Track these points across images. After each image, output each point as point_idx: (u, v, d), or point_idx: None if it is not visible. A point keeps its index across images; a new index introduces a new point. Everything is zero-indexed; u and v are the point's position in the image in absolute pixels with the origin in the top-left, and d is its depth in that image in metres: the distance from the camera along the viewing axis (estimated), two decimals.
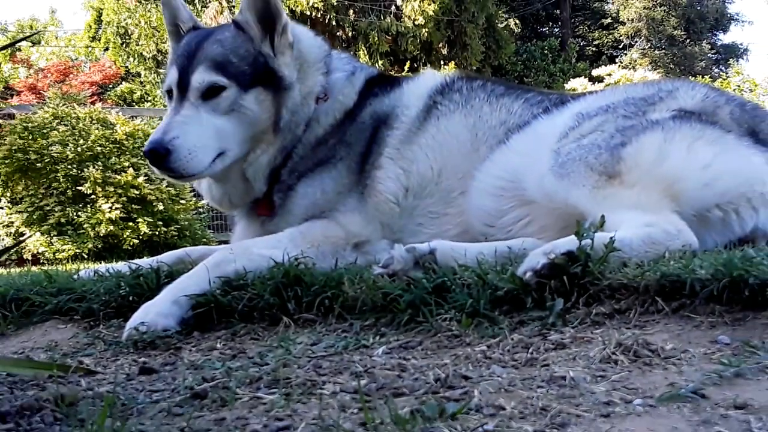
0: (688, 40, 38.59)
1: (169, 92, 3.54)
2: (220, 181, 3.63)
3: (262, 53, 3.55)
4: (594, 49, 39.50)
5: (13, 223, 10.92)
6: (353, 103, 3.75)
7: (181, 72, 3.47)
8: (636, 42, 38.45)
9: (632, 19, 37.76)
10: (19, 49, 22.42)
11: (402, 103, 3.78)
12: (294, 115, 3.61)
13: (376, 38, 24.41)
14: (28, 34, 25.34)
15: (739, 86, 25.33)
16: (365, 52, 24.46)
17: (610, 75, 23.15)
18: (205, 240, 11.62)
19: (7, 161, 10.89)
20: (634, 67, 32.30)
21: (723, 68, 39.53)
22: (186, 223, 11.44)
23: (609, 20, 39.54)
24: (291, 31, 3.64)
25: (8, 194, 11.15)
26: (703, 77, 26.48)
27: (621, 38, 38.73)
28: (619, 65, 31.05)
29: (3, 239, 11.10)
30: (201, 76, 3.43)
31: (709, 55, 41.14)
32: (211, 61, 3.46)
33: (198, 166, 3.35)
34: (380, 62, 24.29)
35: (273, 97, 3.55)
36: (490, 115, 3.69)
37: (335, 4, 24.15)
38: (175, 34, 3.76)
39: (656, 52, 37.94)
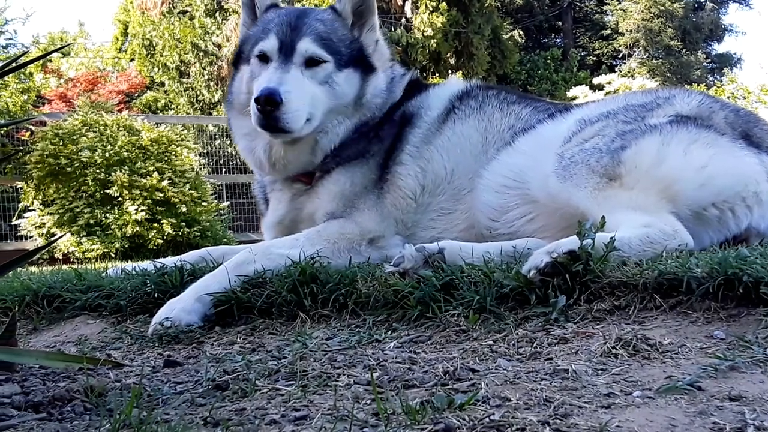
0: (684, 50, 38.37)
1: (262, 56, 3.59)
2: (288, 144, 3.62)
3: (358, 41, 3.71)
4: (594, 58, 39.31)
5: (45, 224, 10.94)
6: (397, 101, 3.85)
7: (284, 39, 3.55)
8: (634, 52, 38.25)
9: (631, 30, 37.56)
10: (50, 60, 22.45)
11: (426, 104, 3.84)
12: (375, 97, 3.74)
13: None
14: (59, 46, 25.41)
15: (733, 94, 25.16)
16: None
17: (609, 83, 23.05)
18: (225, 240, 11.60)
19: (39, 166, 10.93)
20: (632, 76, 32.14)
21: (718, 77, 39.32)
22: (208, 224, 11.43)
23: (609, 31, 39.35)
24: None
25: (40, 197, 11.16)
26: (698, 85, 26.27)
27: (620, 48, 38.54)
28: (619, 74, 30.87)
29: (35, 239, 11.14)
30: (306, 46, 3.53)
31: (704, 64, 40.90)
32: (316, 36, 3.58)
33: (297, 124, 3.41)
34: None
35: (360, 78, 3.69)
36: (500, 121, 3.72)
37: None
38: (249, 7, 3.86)
39: (654, 61, 37.73)
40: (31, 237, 11.32)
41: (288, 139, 3.56)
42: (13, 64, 2.48)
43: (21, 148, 11.89)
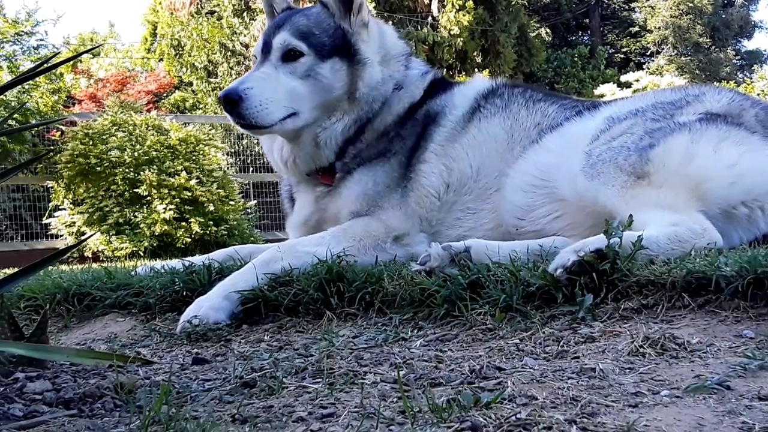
0: (713, 47, 37.99)
1: (256, 58, 3.71)
2: (292, 141, 3.67)
3: (341, 28, 3.68)
4: (622, 56, 39.06)
5: (75, 223, 11.06)
6: (418, 99, 3.83)
7: (266, 39, 3.63)
8: (663, 49, 37.94)
9: (659, 27, 37.27)
10: (81, 61, 22.67)
11: (451, 103, 3.82)
12: (372, 90, 3.69)
13: (414, 48, 24.40)
14: (89, 47, 25.69)
15: (763, 90, 24.90)
16: None
17: (637, 81, 22.92)
18: (252, 239, 11.64)
19: (69, 165, 11.06)
20: (661, 73, 31.88)
21: (747, 74, 38.94)
22: (235, 223, 11.49)
23: (637, 28, 39.07)
24: (377, 23, 3.88)
25: (70, 196, 11.29)
26: (728, 82, 26.04)
27: (648, 45, 38.25)
28: (647, 71, 30.67)
29: (66, 238, 11.26)
30: (282, 38, 3.57)
31: (733, 61, 40.50)
32: (295, 29, 3.60)
33: (267, 118, 3.45)
34: None
35: (348, 69, 3.65)
36: (526, 118, 3.70)
37: (374, 16, 24.16)
38: (270, 13, 3.93)
39: (682, 58, 37.42)
40: (61, 236, 11.44)
41: (267, 133, 3.65)
42: (45, 65, 2.51)
43: (52, 148, 12.01)
